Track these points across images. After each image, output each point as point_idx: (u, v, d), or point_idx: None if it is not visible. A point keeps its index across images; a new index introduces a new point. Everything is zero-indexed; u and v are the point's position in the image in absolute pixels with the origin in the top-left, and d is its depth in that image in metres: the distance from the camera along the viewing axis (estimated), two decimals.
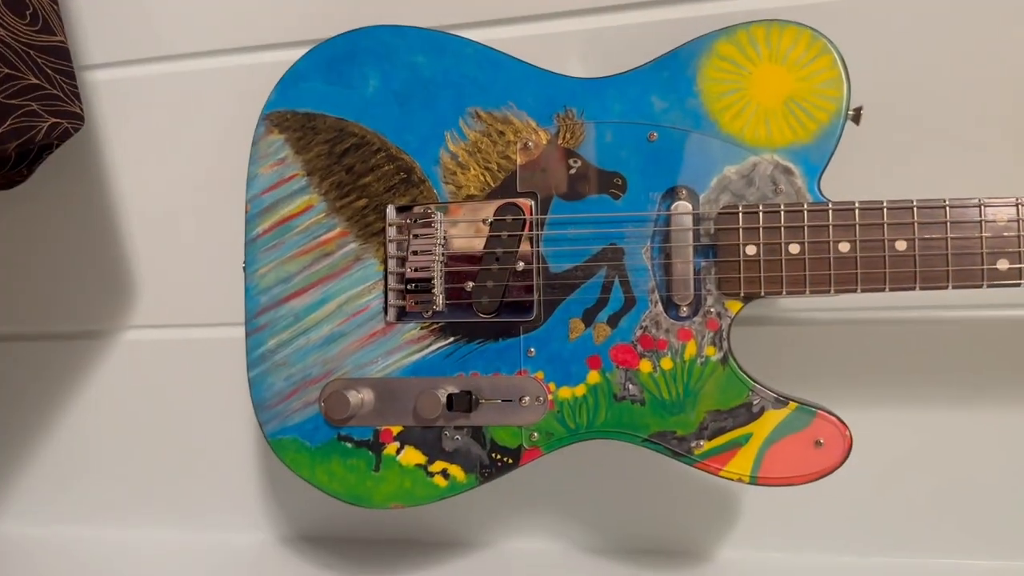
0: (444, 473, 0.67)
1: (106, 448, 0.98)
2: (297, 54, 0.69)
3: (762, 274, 0.61)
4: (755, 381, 0.63)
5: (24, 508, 0.95)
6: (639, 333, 0.64)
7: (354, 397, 0.67)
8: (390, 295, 0.67)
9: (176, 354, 0.91)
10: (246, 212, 0.70)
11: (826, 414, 0.62)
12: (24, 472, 0.95)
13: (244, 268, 0.71)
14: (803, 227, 0.60)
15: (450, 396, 0.65)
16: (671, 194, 0.64)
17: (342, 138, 0.69)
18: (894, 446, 0.75)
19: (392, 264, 0.68)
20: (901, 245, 0.59)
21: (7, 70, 0.69)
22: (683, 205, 0.63)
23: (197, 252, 0.89)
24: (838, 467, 0.63)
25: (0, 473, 0.95)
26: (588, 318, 0.65)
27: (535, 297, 0.65)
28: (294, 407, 0.70)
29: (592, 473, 0.81)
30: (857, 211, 0.60)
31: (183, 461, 0.96)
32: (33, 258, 0.92)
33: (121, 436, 0.97)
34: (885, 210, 0.59)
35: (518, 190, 0.66)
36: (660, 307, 0.64)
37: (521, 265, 0.65)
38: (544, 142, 0.65)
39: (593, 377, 0.65)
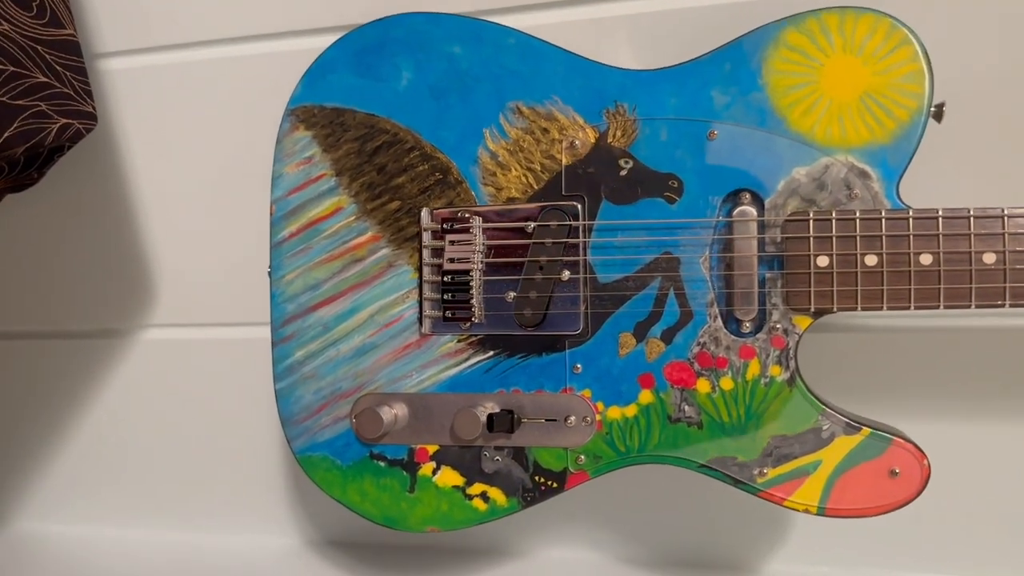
0: (484, 496, 0.66)
1: (125, 449, 0.98)
2: (325, 42, 0.67)
3: (835, 288, 0.58)
4: (825, 404, 0.60)
5: (44, 507, 0.95)
6: (696, 350, 0.62)
7: (387, 414, 0.65)
8: (425, 305, 0.66)
9: (197, 354, 0.90)
10: (271, 214, 0.68)
11: (903, 441, 0.59)
12: (44, 471, 0.95)
13: (269, 273, 0.69)
14: (880, 237, 0.57)
15: (490, 416, 0.63)
16: (733, 198, 0.61)
17: (373, 135, 0.66)
18: (956, 460, 0.72)
19: (427, 272, 0.66)
20: (990, 258, 0.56)
21: (12, 68, 0.66)
22: (746, 211, 0.60)
23: (218, 249, 0.88)
24: (913, 499, 0.60)
25: (19, 472, 0.96)
26: (640, 333, 0.63)
27: (582, 309, 0.63)
28: (323, 423, 0.68)
29: (632, 481, 0.79)
30: (941, 220, 0.56)
31: (205, 463, 0.95)
32: (49, 255, 0.92)
33: (141, 437, 0.97)
34: (972, 219, 0.56)
35: (564, 193, 0.63)
36: (720, 322, 0.61)
37: (567, 274, 0.63)
38: (592, 140, 0.63)
39: (645, 396, 0.63)
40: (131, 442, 0.97)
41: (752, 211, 0.60)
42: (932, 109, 0.57)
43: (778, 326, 0.60)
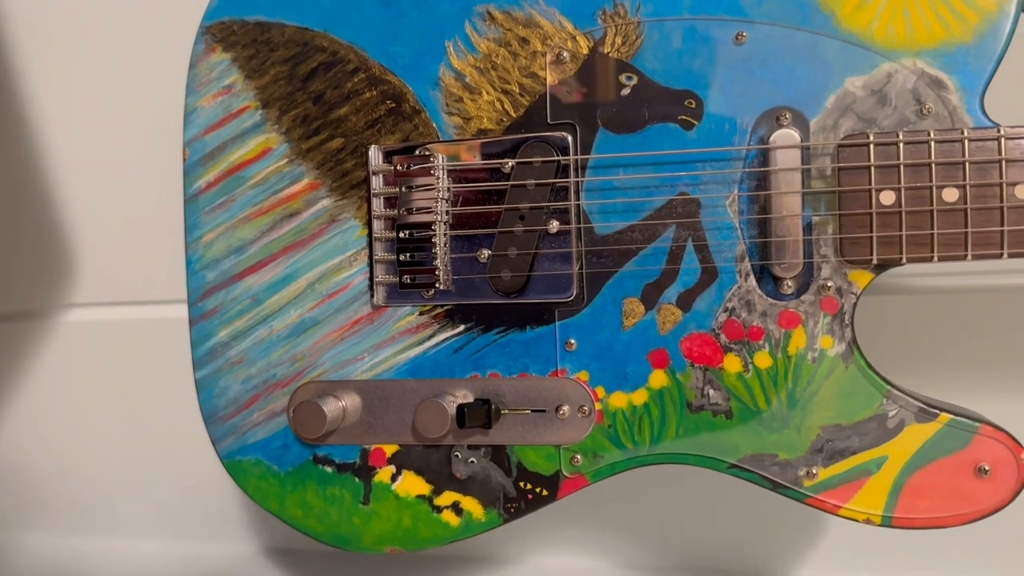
0: (456, 508, 0.60)
1: (48, 444, 0.93)
2: None
3: (903, 231, 0.52)
4: (890, 384, 0.54)
5: None
6: (723, 318, 0.56)
7: (332, 407, 0.60)
8: (377, 269, 0.60)
9: (125, 335, 0.88)
10: (184, 159, 0.64)
11: (993, 429, 0.53)
12: None
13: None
14: (963, 164, 0.51)
15: (461, 408, 0.58)
16: (768, 120, 0.54)
17: (307, 55, 0.61)
18: None
19: (379, 227, 0.60)
20: None
21: None
22: (786, 135, 0.54)
23: (143, 214, 0.85)
24: (1007, 504, 0.53)
25: None
26: (650, 298, 0.57)
27: (575, 269, 0.57)
28: (256, 419, 0.63)
29: (637, 477, 0.72)
30: None
31: (140, 460, 0.91)
32: None
33: (66, 430, 0.93)
34: None
35: (550, 121, 0.57)
36: (753, 281, 0.55)
37: (555, 225, 0.57)
38: (585, 52, 0.57)
39: (658, 379, 0.57)
40: (54, 438, 0.93)
41: (794, 135, 0.54)
42: None
43: (829, 284, 0.54)
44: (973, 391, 0.68)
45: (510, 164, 0.58)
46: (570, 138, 0.57)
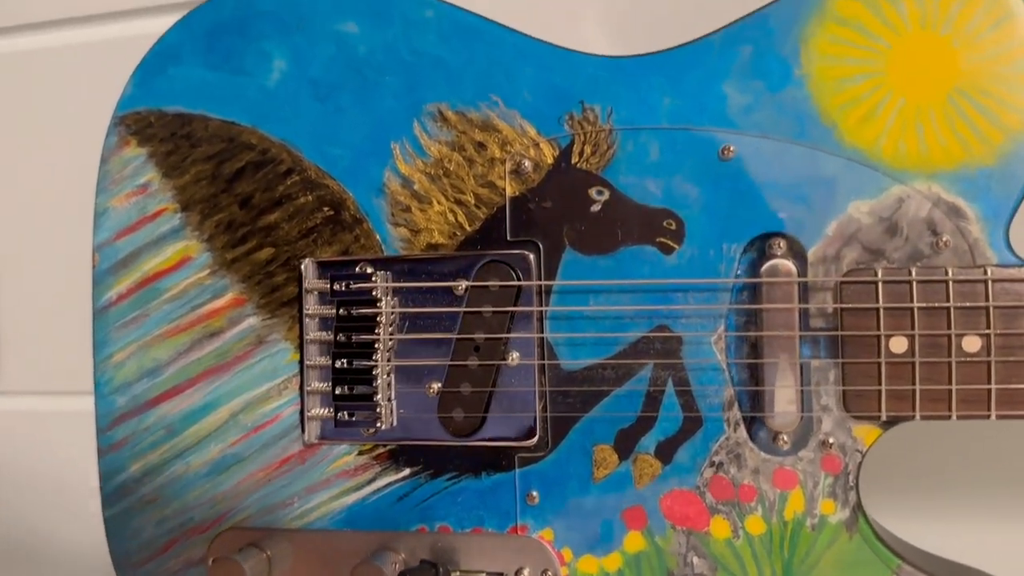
0: None
1: None
2: (170, 25, 0.60)
3: (917, 385, 0.48)
4: (902, 558, 0.51)
5: None
6: (709, 474, 0.53)
7: (252, 561, 0.56)
8: (310, 401, 0.57)
9: (26, 430, 0.85)
10: (93, 266, 0.61)
11: None
12: None
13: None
14: (986, 308, 0.48)
15: (403, 574, 0.54)
16: (759, 247, 0.52)
17: (233, 152, 0.58)
18: None
19: (313, 352, 0.57)
20: None
21: None
22: (780, 266, 0.51)
23: (50, 300, 0.83)
24: None
25: None
26: (624, 446, 0.54)
27: (538, 410, 0.54)
28: (171, 567, 0.60)
29: None
30: None
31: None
32: None
33: None
34: None
35: (509, 238, 0.55)
36: (744, 432, 0.52)
37: (515, 358, 0.55)
38: (549, 161, 0.54)
39: (634, 542, 0.54)
40: None
41: (789, 266, 0.51)
42: None
43: (831, 440, 0.51)
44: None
45: (464, 286, 0.55)
46: (533, 258, 0.54)
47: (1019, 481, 0.68)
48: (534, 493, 0.54)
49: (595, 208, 0.53)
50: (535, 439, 0.54)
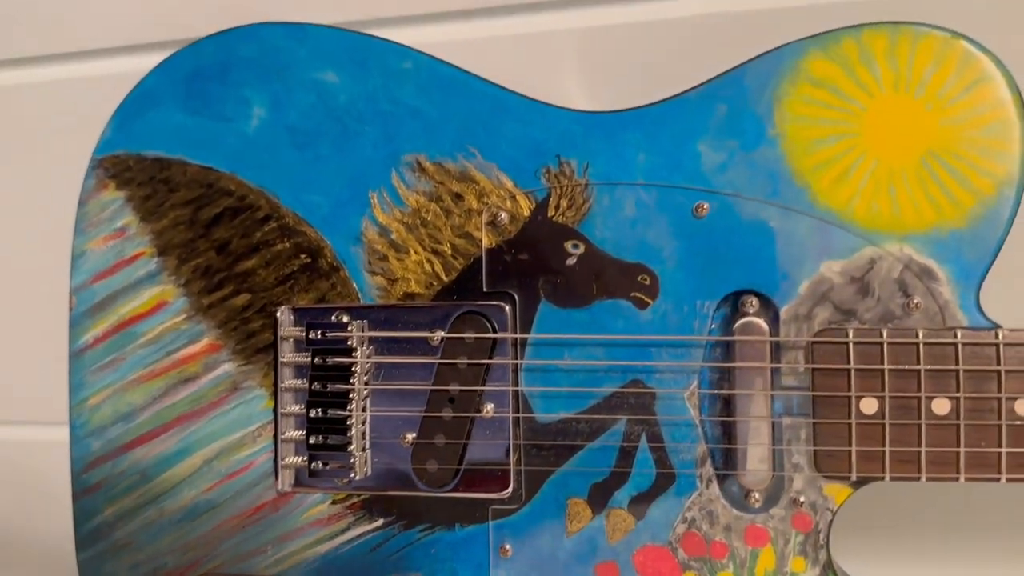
0: None
1: None
2: (151, 64, 0.59)
3: (887, 446, 0.48)
4: None
5: None
6: (681, 530, 0.53)
7: None
8: (284, 449, 0.57)
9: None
10: (70, 309, 0.61)
11: None
12: None
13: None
14: (956, 372, 0.48)
15: None
16: (732, 305, 0.52)
17: (211, 198, 0.58)
18: None
19: (288, 400, 0.57)
20: None
21: None
22: (752, 324, 0.51)
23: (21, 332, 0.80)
24: None
25: None
26: (598, 500, 0.54)
27: (512, 462, 0.54)
28: None
29: None
30: None
31: None
32: None
33: None
34: None
35: (485, 289, 0.55)
36: (716, 488, 0.52)
37: (490, 410, 0.55)
38: (526, 214, 0.54)
39: None
40: None
41: (761, 325, 0.51)
42: None
43: (802, 499, 0.51)
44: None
45: (439, 337, 0.55)
46: (508, 310, 0.54)
47: (989, 536, 0.68)
48: (507, 546, 0.54)
49: (571, 261, 0.53)
50: (509, 492, 0.54)
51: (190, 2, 0.71)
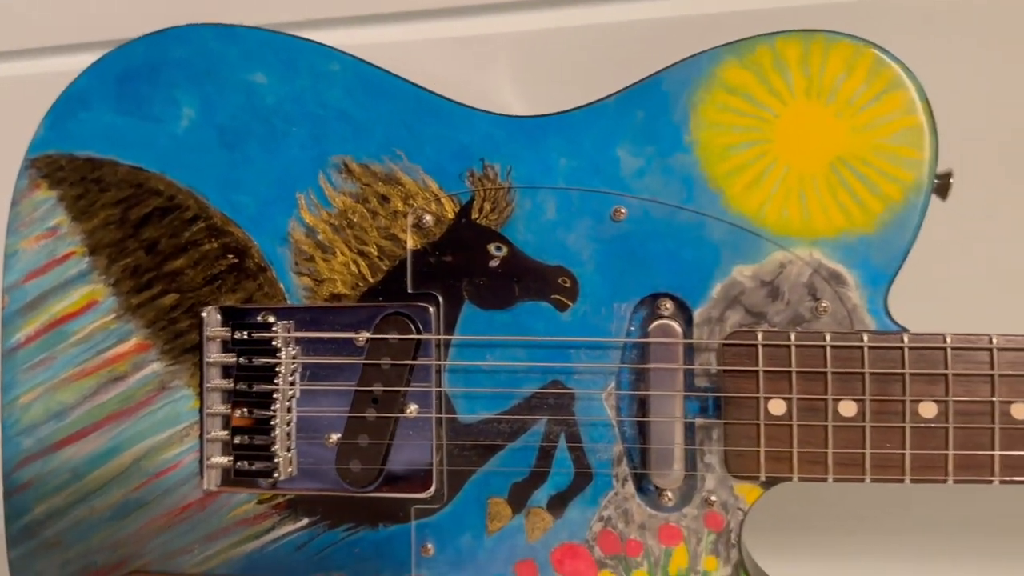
0: None
1: None
2: (83, 64, 0.59)
3: (795, 447, 0.49)
4: None
5: None
6: (598, 528, 0.53)
7: None
8: (209, 448, 0.57)
9: None
10: (2, 308, 0.61)
11: None
12: None
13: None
14: (862, 375, 0.49)
15: None
16: (648, 307, 0.53)
17: (140, 198, 0.58)
18: None
19: (214, 400, 0.57)
20: (1022, 411, 0.47)
21: None
22: (667, 326, 0.52)
23: None
24: None
25: None
26: (517, 499, 0.54)
27: (435, 462, 0.55)
28: None
29: None
30: (950, 351, 0.48)
31: None
32: None
33: None
34: (995, 351, 0.48)
35: (410, 290, 0.55)
36: (631, 487, 0.53)
37: (413, 410, 0.55)
38: (450, 216, 0.55)
39: None
40: None
41: (675, 327, 0.52)
42: (935, 182, 0.50)
43: (713, 498, 0.52)
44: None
45: (364, 338, 0.55)
46: (432, 311, 0.55)
47: (899, 533, 0.69)
48: (429, 545, 0.54)
49: (493, 263, 0.54)
50: (431, 491, 0.54)
51: (122, 3, 0.71)
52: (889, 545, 0.69)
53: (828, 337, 0.49)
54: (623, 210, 0.52)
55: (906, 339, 0.48)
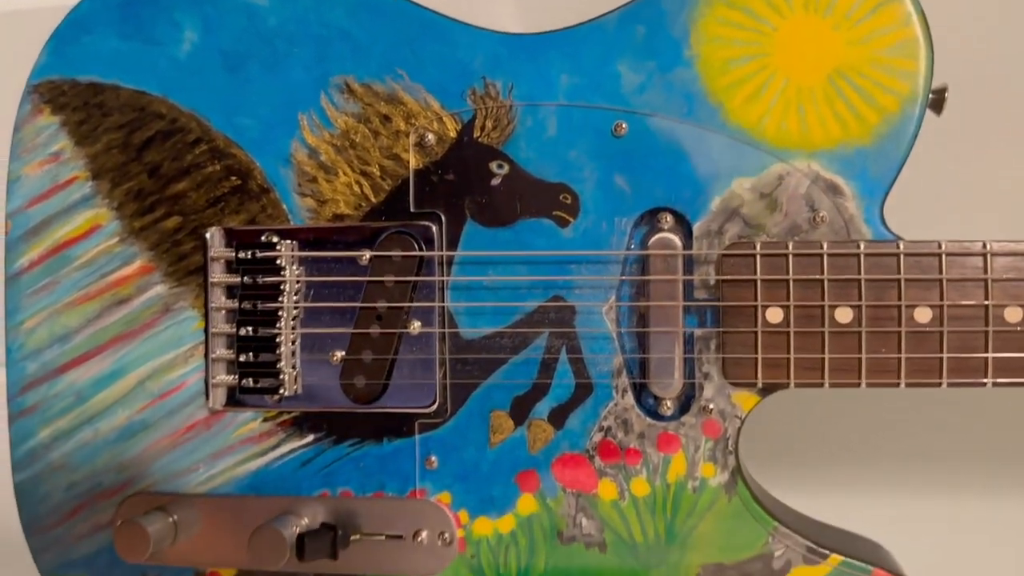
0: None
1: None
2: None
3: (791, 354, 0.50)
4: (777, 519, 0.53)
5: None
6: (598, 438, 0.54)
7: (158, 525, 0.56)
8: (214, 368, 0.58)
9: None
10: (5, 233, 0.61)
11: (886, 573, 0.52)
12: None
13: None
14: (858, 281, 0.50)
15: (301, 536, 0.54)
16: (649, 221, 0.53)
17: (143, 122, 0.58)
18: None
19: (219, 320, 0.57)
20: (1014, 314, 0.48)
21: None
22: (667, 239, 0.53)
23: None
24: None
25: None
26: (519, 412, 0.55)
27: (438, 377, 0.55)
28: (80, 531, 0.60)
29: None
30: (944, 258, 0.49)
31: None
32: None
33: None
34: (988, 256, 0.49)
35: (412, 209, 0.55)
36: (631, 398, 0.54)
37: (417, 327, 0.55)
38: (452, 135, 0.55)
39: (527, 504, 0.55)
40: None
41: (675, 240, 0.53)
42: (930, 96, 0.50)
43: (711, 406, 0.53)
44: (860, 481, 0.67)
45: (367, 256, 0.56)
46: (435, 229, 0.55)
47: (886, 450, 0.70)
48: (433, 458, 0.55)
49: (495, 181, 0.54)
50: (435, 406, 0.55)
51: None
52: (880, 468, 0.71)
53: (825, 246, 0.50)
54: (624, 125, 0.52)
55: (902, 246, 0.49)
